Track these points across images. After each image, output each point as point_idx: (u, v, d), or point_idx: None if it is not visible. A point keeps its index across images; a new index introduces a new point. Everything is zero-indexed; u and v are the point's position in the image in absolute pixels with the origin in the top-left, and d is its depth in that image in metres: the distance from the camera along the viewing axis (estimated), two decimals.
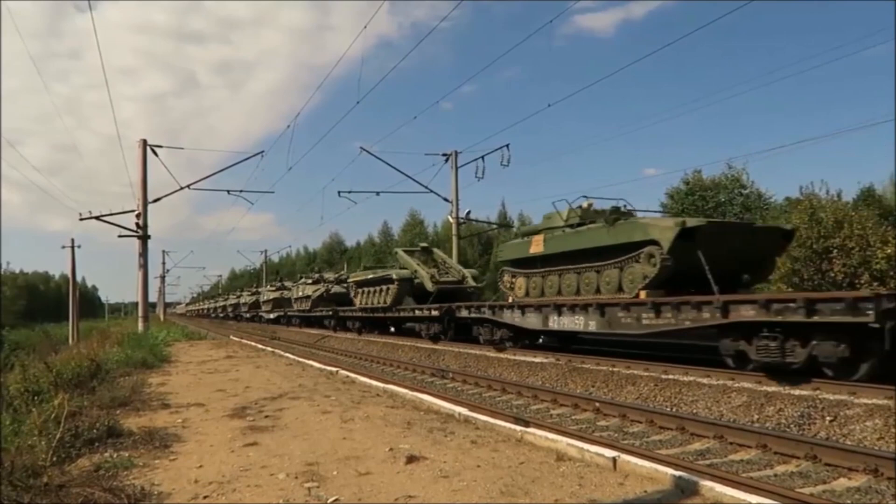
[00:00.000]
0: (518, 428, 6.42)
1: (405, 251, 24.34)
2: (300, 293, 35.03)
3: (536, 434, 6.08)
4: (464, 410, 7.53)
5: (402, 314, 22.31)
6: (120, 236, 26.13)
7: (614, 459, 5.04)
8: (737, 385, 9.34)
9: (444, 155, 27.42)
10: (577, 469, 4.98)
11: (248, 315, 53.49)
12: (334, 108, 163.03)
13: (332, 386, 10.24)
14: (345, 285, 29.94)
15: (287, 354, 17.81)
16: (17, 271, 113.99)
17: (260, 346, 22.48)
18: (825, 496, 5.43)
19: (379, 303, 23.27)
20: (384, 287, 23.02)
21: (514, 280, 16.25)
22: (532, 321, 14.40)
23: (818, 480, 6.00)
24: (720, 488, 4.28)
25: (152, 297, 59.85)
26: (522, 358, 14.31)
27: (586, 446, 5.47)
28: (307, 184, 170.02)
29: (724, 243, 11.05)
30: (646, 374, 10.96)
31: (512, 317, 15.12)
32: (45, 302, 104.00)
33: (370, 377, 11.82)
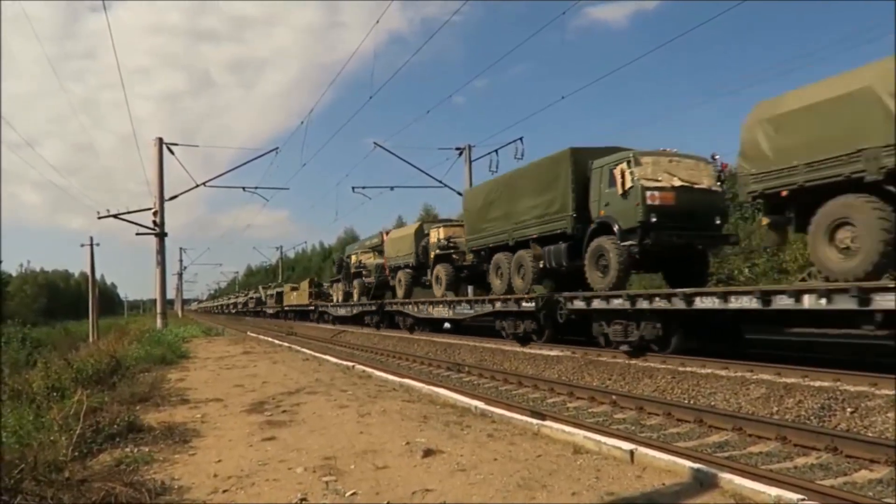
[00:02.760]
0: (535, 421, 6.41)
1: (262, 286, 66.65)
2: (243, 299, 76.88)
3: (553, 427, 6.06)
4: (480, 404, 7.53)
5: (259, 310, 63.15)
6: (138, 234, 26.44)
7: (632, 452, 5.02)
8: (755, 377, 9.25)
9: (457, 149, 27.32)
10: (594, 462, 4.96)
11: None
12: (347, 104, 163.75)
13: (349, 381, 10.28)
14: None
15: (304, 350, 17.91)
16: (38, 270, 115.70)
17: (276, 341, 22.64)
18: (846, 489, 5.36)
19: (251, 306, 69.45)
20: (252, 298, 68.92)
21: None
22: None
23: (839, 472, 5.94)
24: (739, 481, 4.24)
25: (170, 294, 60.99)
26: (538, 351, 14.29)
27: (603, 439, 5.45)
28: (321, 180, 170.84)
29: None
30: (663, 366, 10.90)
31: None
32: (66, 300, 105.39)
33: (386, 372, 11.86)
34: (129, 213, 26.63)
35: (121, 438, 5.97)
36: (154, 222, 26.30)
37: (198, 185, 28.05)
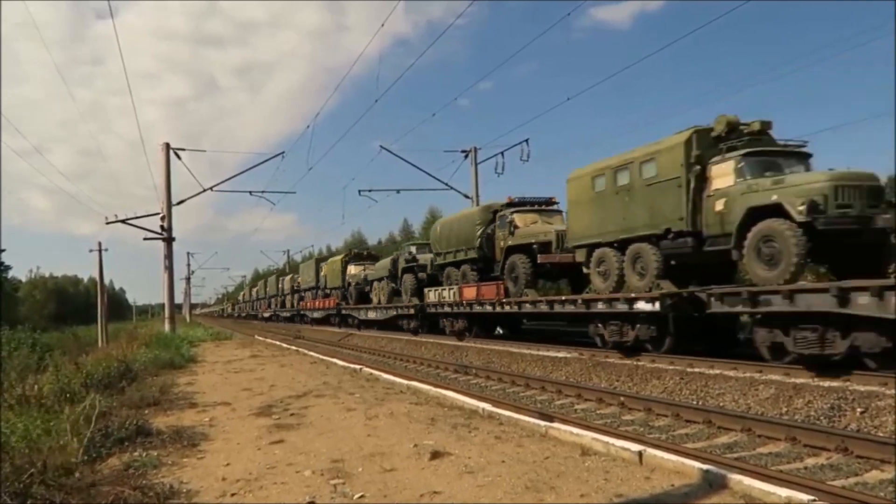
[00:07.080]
0: (542, 423, 6.39)
1: (227, 300, 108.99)
2: (219, 307, 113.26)
3: (561, 429, 6.05)
4: (487, 406, 7.52)
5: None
6: (145, 239, 26.49)
7: (640, 453, 5.00)
8: (764, 377, 9.21)
9: (463, 151, 27.26)
10: (602, 463, 4.95)
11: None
12: (353, 107, 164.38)
13: (356, 383, 10.28)
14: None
15: (311, 353, 17.93)
16: (47, 275, 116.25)
17: (284, 345, 22.66)
18: (857, 489, 5.33)
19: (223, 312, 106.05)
20: (227, 306, 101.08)
21: None
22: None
23: (849, 473, 5.90)
24: (749, 481, 4.22)
25: (178, 299, 61.27)
26: (546, 353, 14.26)
27: (611, 440, 5.43)
28: (328, 183, 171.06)
29: None
30: (671, 367, 10.86)
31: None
32: (75, 305, 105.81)
33: (393, 374, 11.85)
34: (136, 217, 26.69)
35: (130, 442, 5.99)
36: (162, 227, 26.36)
37: (205, 190, 28.16)
